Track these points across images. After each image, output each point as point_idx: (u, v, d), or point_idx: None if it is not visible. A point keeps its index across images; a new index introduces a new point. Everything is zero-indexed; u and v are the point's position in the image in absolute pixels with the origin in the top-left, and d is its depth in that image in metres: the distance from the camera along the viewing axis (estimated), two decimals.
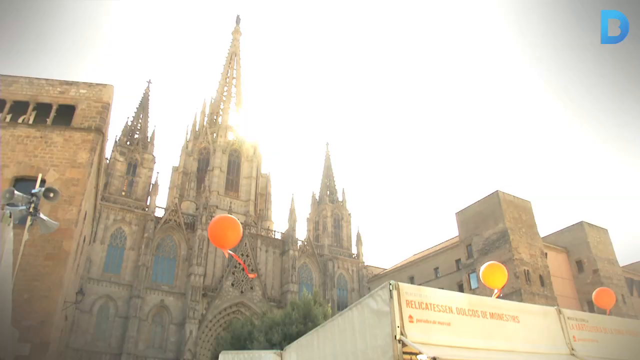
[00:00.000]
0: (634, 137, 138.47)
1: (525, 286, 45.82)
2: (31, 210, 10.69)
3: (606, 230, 59.57)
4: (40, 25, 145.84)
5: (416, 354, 4.43)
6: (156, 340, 50.89)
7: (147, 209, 55.90)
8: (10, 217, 10.00)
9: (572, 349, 6.00)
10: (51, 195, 11.31)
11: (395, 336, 4.41)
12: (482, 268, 10.56)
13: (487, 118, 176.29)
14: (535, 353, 5.47)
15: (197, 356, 49.87)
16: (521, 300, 37.67)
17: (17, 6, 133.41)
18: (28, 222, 10.89)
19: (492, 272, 10.29)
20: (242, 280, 56.32)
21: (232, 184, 69.01)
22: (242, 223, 60.75)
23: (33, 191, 10.97)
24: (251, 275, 46.95)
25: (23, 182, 18.16)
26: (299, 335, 8.21)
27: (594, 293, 13.11)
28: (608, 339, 6.63)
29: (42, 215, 11.11)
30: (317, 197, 76.25)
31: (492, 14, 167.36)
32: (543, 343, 5.79)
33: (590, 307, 49.49)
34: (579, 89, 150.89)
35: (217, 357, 9.75)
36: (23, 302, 16.10)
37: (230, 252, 8.11)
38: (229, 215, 8.67)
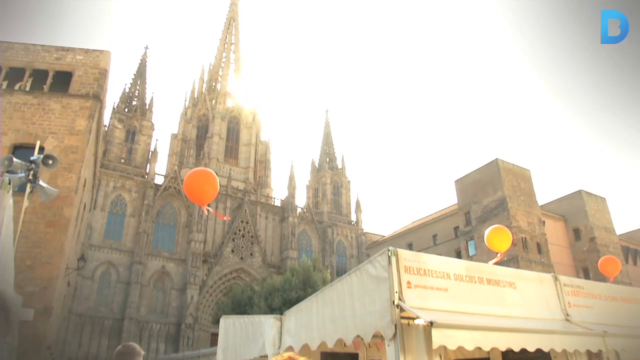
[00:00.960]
0: (634, 107, 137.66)
1: (523, 253, 46.30)
2: (30, 177, 10.67)
3: (604, 199, 59.86)
4: None
5: (414, 319, 4.49)
6: (158, 305, 51.75)
7: (146, 176, 55.98)
8: (9, 184, 9.99)
9: (567, 315, 6.09)
10: (50, 162, 11.28)
11: (394, 301, 4.46)
12: (487, 231, 10.57)
13: (487, 86, 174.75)
14: (531, 318, 5.55)
15: (199, 321, 50.82)
16: (518, 268, 38.14)
17: None
18: (28, 189, 10.88)
19: (497, 235, 10.31)
20: (242, 247, 56.87)
21: (231, 151, 68.89)
22: (241, 190, 61.18)
23: (32, 158, 10.92)
24: (225, 217, 46.95)
25: (22, 149, 18.12)
26: (298, 300, 8.32)
27: (600, 260, 13.13)
28: (602, 305, 6.73)
29: (41, 183, 11.10)
30: (317, 164, 76.26)
31: None
32: (539, 309, 5.87)
33: (586, 274, 50.19)
34: (580, 59, 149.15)
35: (218, 322, 9.91)
36: (25, 269, 16.29)
37: (208, 208, 7.82)
38: (206, 168, 8.35)
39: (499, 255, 9.93)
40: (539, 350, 5.15)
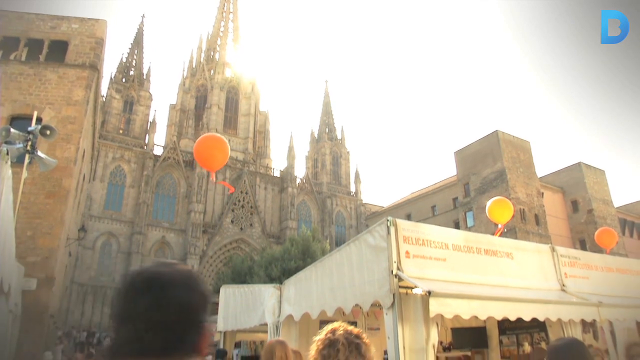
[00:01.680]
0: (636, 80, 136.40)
1: (521, 225, 46.60)
2: (28, 148, 10.63)
3: (603, 171, 59.94)
4: None
5: (412, 288, 4.54)
6: None
7: (145, 147, 55.86)
8: (7, 154, 9.96)
9: (563, 285, 6.16)
10: (48, 132, 11.22)
11: (392, 271, 4.50)
12: (489, 203, 10.61)
13: (488, 58, 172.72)
14: (527, 288, 5.61)
15: None
16: (515, 239, 38.43)
17: None
18: (26, 160, 10.87)
19: (499, 207, 10.35)
20: (242, 217, 57.16)
21: (230, 122, 68.52)
22: (241, 161, 61.08)
23: (29, 129, 10.85)
24: (231, 189, 47.62)
25: (19, 120, 17.96)
26: (297, 270, 8.41)
27: (596, 232, 13.26)
28: (598, 276, 6.80)
29: (39, 153, 11.06)
30: (316, 135, 76.00)
31: None
32: (535, 279, 5.93)
33: (583, 245, 50.58)
34: (581, 31, 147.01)
35: (219, 291, 10.03)
36: (26, 239, 16.39)
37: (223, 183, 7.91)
38: (216, 134, 8.27)
39: (499, 226, 9.99)
40: (534, 320, 5.23)
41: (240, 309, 8.70)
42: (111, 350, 1.13)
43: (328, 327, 2.35)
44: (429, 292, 4.13)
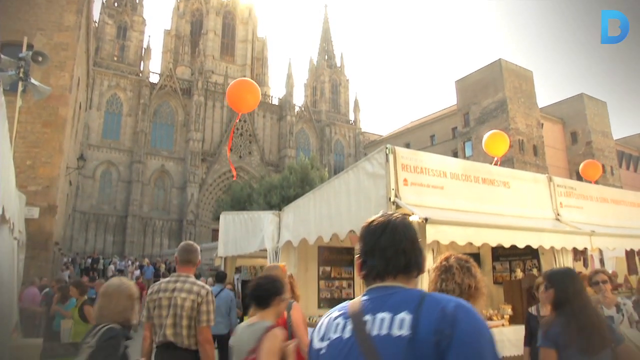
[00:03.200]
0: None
1: (519, 155, 46.72)
2: (21, 75, 10.41)
3: (605, 103, 59.29)
4: None
5: (409, 215, 4.60)
6: (159, 203, 53.09)
7: (140, 75, 54.76)
8: None
9: (558, 214, 6.26)
10: (40, 59, 10.94)
11: (390, 198, 4.55)
12: (485, 136, 10.63)
13: None
14: (522, 217, 5.70)
15: (200, 217, 52.40)
16: (513, 169, 38.62)
17: None
18: (20, 88, 10.69)
19: (495, 140, 10.38)
20: (241, 146, 57.10)
21: (227, 48, 66.78)
22: None
23: (20, 55, 10.59)
24: (234, 175, 47.96)
25: (10, 47, 17.44)
26: (296, 197, 8.50)
27: (581, 165, 13.57)
28: (592, 206, 6.90)
29: (33, 81, 10.85)
30: (315, 62, 74.39)
31: None
32: (531, 208, 6.02)
33: (579, 177, 50.85)
34: None
35: (219, 218, 10.19)
36: (26, 169, 16.45)
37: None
38: (245, 78, 8.44)
39: (495, 159, 10.04)
40: (527, 247, 5.36)
41: (240, 235, 8.88)
42: (368, 274, 1.58)
43: (442, 257, 2.74)
44: (426, 219, 4.19)
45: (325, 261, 8.12)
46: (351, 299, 6.30)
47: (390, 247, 1.55)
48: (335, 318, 1.56)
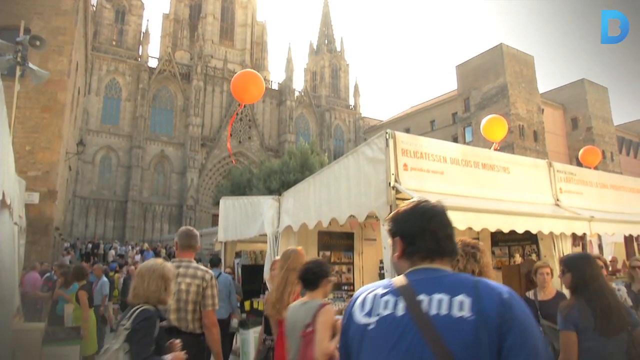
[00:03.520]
0: None
1: (519, 141, 46.65)
2: (19, 59, 10.36)
3: (606, 88, 59.04)
4: None
5: (408, 200, 4.61)
6: (159, 188, 53.12)
7: (139, 59, 54.40)
8: None
9: (558, 200, 6.26)
10: (37, 43, 10.87)
11: (390, 183, 4.55)
12: (484, 121, 10.60)
13: None
14: (522, 202, 5.71)
15: (200, 202, 52.49)
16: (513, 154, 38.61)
17: None
18: (17, 72, 10.64)
19: (493, 125, 10.34)
20: (240, 131, 56.96)
21: (226, 32, 66.23)
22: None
23: (17, 39, 10.52)
24: (233, 160, 47.81)
25: (7, 31, 17.30)
26: (296, 182, 8.51)
27: (580, 151, 13.60)
28: (592, 191, 6.91)
29: (31, 65, 10.80)
30: (315, 47, 73.92)
31: None
32: (530, 193, 6.02)
33: (579, 163, 50.89)
34: None
35: (219, 203, 10.20)
36: (26, 154, 16.43)
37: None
38: (250, 70, 8.49)
39: (495, 144, 10.03)
40: (526, 232, 5.37)
41: (240, 220, 8.89)
42: (414, 255, 1.64)
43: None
44: None
45: (325, 246, 8.16)
46: (351, 283, 6.35)
47: (441, 231, 1.64)
48: (383, 295, 1.59)
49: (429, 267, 1.60)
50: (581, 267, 3.30)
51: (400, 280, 1.61)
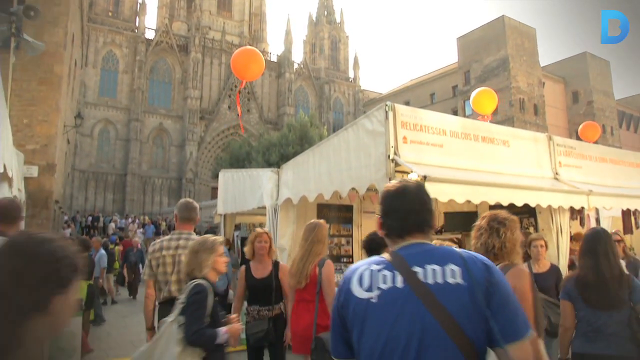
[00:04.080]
0: None
1: (519, 114, 46.49)
2: (13, 30, 10.22)
3: (608, 62, 58.46)
4: None
5: (408, 173, 4.61)
6: (158, 161, 53.05)
7: (136, 31, 53.65)
8: None
9: (557, 174, 6.26)
10: (32, 13, 10.72)
11: (389, 155, 4.53)
12: (473, 94, 10.57)
13: None
14: (521, 175, 5.70)
15: (199, 175, 52.52)
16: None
17: None
18: (12, 44, 10.51)
19: (483, 98, 10.30)
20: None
21: (224, 3, 65.12)
22: (236, 45, 59.23)
23: (11, 10, 10.36)
24: (242, 129, 47.55)
25: (0, 2, 17.04)
26: (295, 155, 8.49)
27: (580, 126, 13.61)
28: (591, 165, 6.90)
29: (26, 37, 10.65)
30: (314, 18, 72.85)
31: None
32: (530, 167, 6.01)
33: (579, 137, 50.84)
34: None
35: (217, 176, 10.20)
36: (23, 127, 16.31)
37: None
38: (250, 47, 8.42)
39: (485, 117, 9.98)
40: (525, 206, 5.39)
41: (239, 192, 8.90)
42: (388, 232, 1.80)
43: (485, 214, 3.08)
44: (425, 177, 4.19)
45: (324, 218, 8.13)
46: (350, 255, 6.39)
47: (415, 207, 1.79)
48: (379, 270, 1.71)
49: (417, 242, 1.75)
50: (587, 242, 3.51)
51: (393, 255, 1.75)
